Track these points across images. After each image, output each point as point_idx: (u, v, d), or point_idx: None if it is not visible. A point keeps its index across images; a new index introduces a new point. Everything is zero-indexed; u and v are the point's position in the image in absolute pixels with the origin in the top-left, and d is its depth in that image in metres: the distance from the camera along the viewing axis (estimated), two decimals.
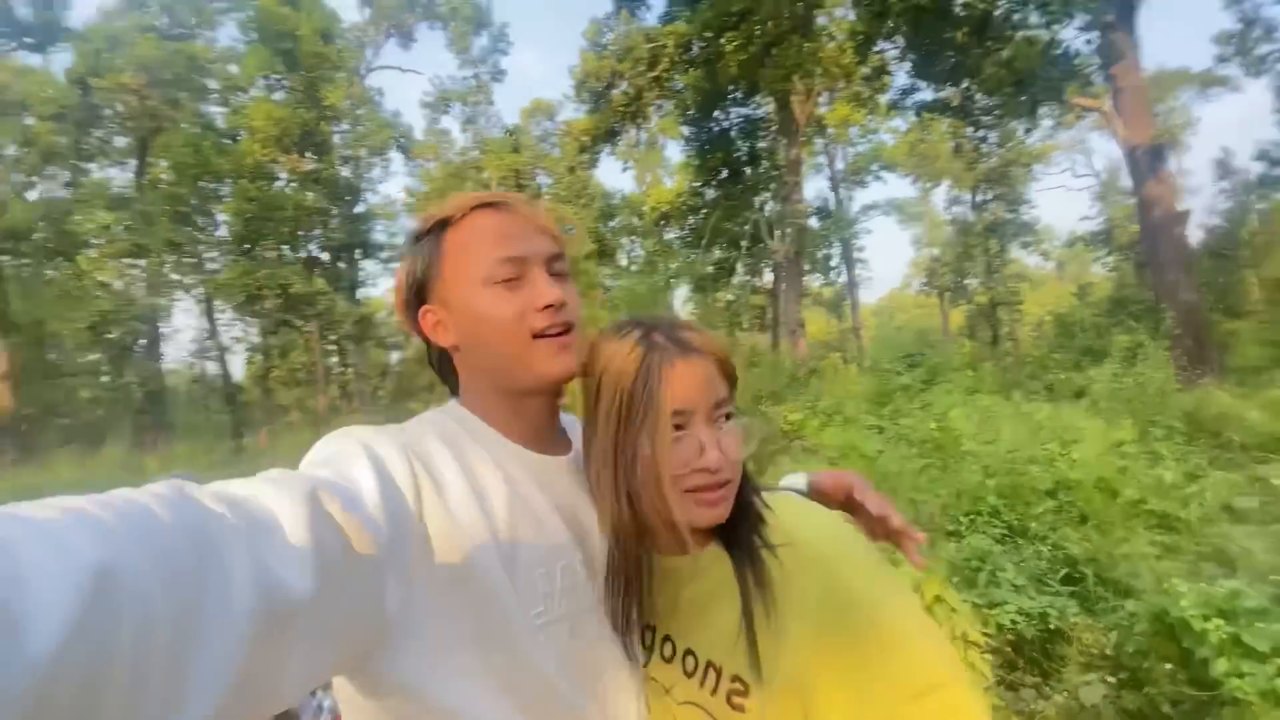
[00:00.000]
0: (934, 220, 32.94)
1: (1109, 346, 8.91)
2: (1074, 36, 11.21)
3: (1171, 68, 23.09)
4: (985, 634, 2.10)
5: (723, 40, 14.98)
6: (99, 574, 0.34)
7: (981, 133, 20.90)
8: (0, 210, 17.93)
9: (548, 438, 0.83)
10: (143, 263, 19.49)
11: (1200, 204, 23.25)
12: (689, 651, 0.76)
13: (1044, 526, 3.93)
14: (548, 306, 0.76)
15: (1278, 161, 17.09)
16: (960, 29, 11.31)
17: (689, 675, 0.75)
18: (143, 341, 20.35)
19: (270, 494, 0.51)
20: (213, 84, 21.44)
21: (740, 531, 0.75)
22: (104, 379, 20.18)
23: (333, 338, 23.71)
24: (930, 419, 7.03)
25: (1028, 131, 17.92)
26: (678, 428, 0.73)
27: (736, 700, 0.70)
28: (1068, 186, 45.12)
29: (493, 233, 0.77)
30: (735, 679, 0.70)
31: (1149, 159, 10.35)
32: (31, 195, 20.00)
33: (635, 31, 18.12)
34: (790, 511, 0.78)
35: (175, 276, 20.88)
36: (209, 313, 21.60)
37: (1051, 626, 2.40)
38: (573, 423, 0.91)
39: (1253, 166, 18.89)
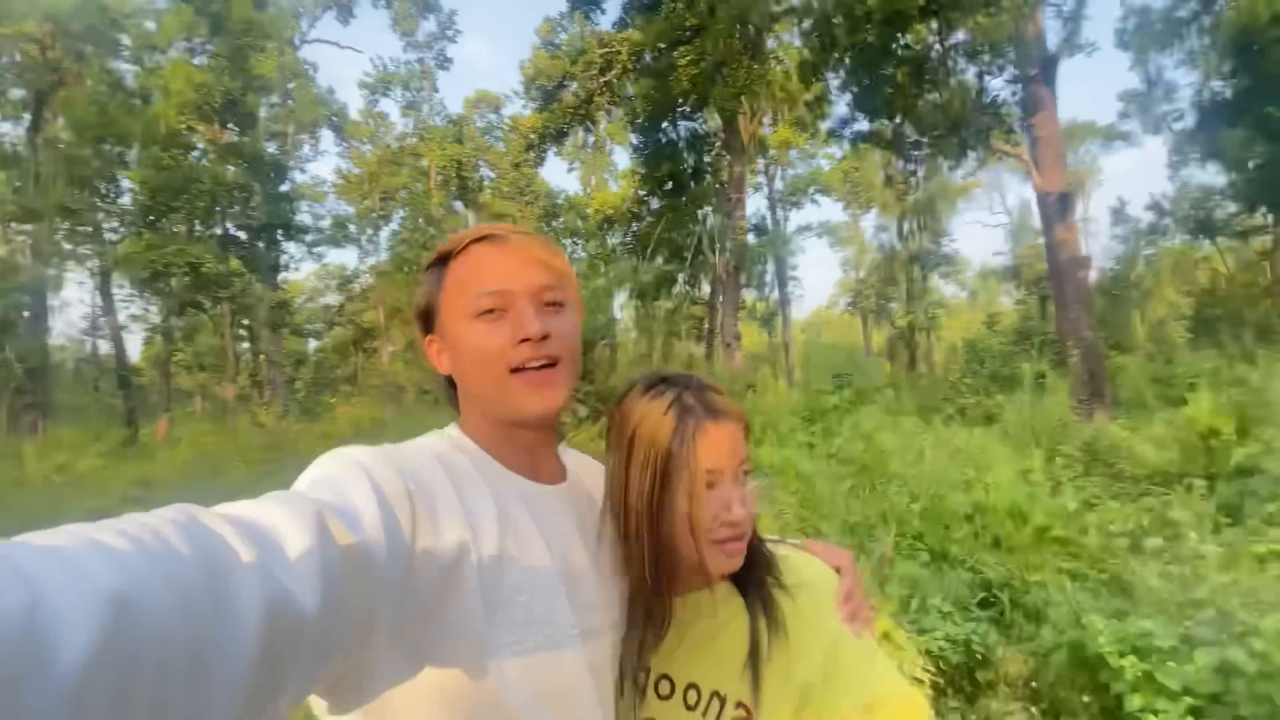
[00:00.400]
0: (862, 245, 34.45)
1: (1016, 374, 9.58)
2: (1001, 87, 12.10)
3: (1081, 120, 25.22)
4: (926, 669, 2.20)
5: (675, 54, 15.17)
6: (118, 600, 0.35)
7: (911, 166, 22.11)
8: None
9: (543, 466, 0.85)
10: (30, 228, 17.64)
11: (1097, 247, 25.42)
12: (691, 685, 0.82)
13: (963, 551, 4.16)
14: (524, 340, 0.77)
15: (1166, 212, 18.91)
16: (900, 68, 11.91)
17: (690, 708, 0.80)
18: (26, 314, 18.38)
19: (276, 514, 0.52)
20: (126, 40, 19.68)
21: (752, 572, 0.84)
22: None
23: (245, 322, 22.22)
24: (858, 439, 7.34)
25: (951, 169, 19.10)
26: (709, 485, 0.80)
27: None
28: (983, 222, 48.41)
29: (483, 266, 0.80)
30: (740, 705, 0.77)
31: (1058, 206, 11.21)
32: None
33: (589, 34, 18.06)
34: (802, 560, 0.88)
35: (68, 245, 19.01)
36: (105, 287, 19.76)
37: (978, 656, 2.54)
38: (569, 454, 0.93)
39: (1144, 215, 20.79)
